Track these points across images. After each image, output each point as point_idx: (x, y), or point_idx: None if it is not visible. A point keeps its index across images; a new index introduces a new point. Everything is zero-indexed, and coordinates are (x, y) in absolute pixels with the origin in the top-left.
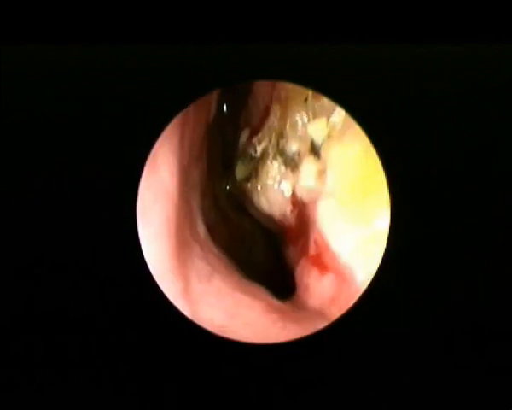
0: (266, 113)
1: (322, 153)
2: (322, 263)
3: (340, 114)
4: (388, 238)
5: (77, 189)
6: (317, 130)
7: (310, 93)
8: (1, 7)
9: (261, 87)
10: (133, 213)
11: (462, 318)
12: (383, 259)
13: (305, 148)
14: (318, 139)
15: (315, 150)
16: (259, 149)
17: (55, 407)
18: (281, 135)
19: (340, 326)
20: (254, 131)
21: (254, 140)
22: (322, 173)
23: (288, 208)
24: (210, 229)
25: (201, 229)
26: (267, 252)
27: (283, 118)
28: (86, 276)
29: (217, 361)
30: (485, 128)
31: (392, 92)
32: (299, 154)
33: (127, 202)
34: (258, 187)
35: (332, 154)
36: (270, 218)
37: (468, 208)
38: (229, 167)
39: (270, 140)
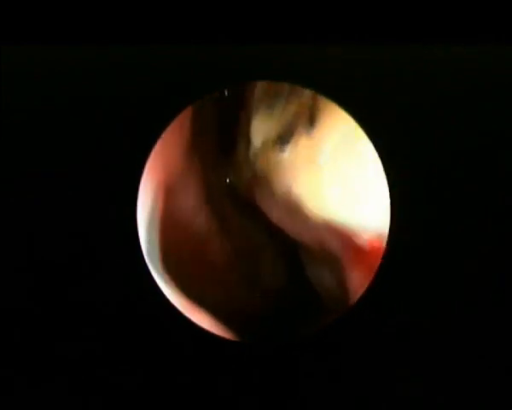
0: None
1: None
2: None
3: None
4: (388, 238)
5: (77, 189)
6: None
7: None
8: (1, 7)
9: None
10: (133, 213)
11: (463, 318)
12: (383, 259)
13: None
14: None
15: None
16: None
17: (55, 406)
18: None
19: (339, 326)
20: None
21: None
22: None
23: None
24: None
25: None
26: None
27: None
28: (86, 276)
29: (216, 361)
30: (485, 128)
31: (392, 92)
32: None
33: (127, 202)
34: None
35: None
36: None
37: (468, 208)
38: (228, 153)
39: None
